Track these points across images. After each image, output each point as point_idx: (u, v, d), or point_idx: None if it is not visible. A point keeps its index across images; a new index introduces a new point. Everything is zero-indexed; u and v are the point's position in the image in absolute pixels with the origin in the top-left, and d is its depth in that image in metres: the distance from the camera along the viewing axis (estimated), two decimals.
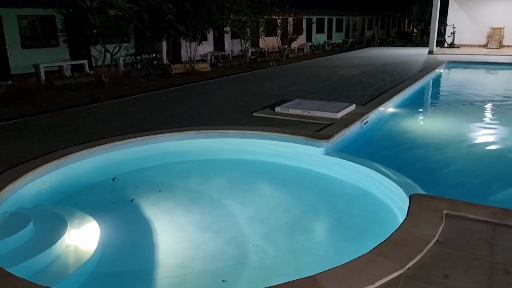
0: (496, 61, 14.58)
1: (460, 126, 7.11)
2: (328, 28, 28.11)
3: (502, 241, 2.84)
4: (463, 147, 5.98)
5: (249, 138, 5.47)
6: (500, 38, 19.30)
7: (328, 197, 4.57)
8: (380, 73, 11.35)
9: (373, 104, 7.10)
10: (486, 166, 5.24)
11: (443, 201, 3.45)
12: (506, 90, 10.57)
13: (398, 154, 5.68)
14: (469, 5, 20.38)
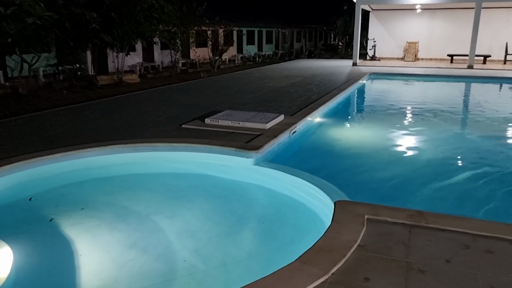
0: (412, 73, 15.76)
1: (382, 133, 7.54)
2: (258, 40, 28.72)
3: (417, 241, 3.03)
4: (385, 153, 6.33)
5: (178, 150, 5.38)
6: (415, 52, 20.90)
7: (258, 207, 4.61)
8: (308, 84, 11.76)
9: (301, 114, 7.32)
10: (406, 170, 5.58)
11: (364, 206, 3.62)
12: (422, 99, 11.46)
13: (325, 162, 5.89)
14: (387, 20, 21.90)
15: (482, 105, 10.63)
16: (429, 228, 3.23)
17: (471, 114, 9.63)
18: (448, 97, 12.06)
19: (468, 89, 13.81)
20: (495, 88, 13.87)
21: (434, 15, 21.01)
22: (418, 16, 21.27)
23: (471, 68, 16.81)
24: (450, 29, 20.68)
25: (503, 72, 15.83)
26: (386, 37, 21.99)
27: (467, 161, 6.01)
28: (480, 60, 18.71)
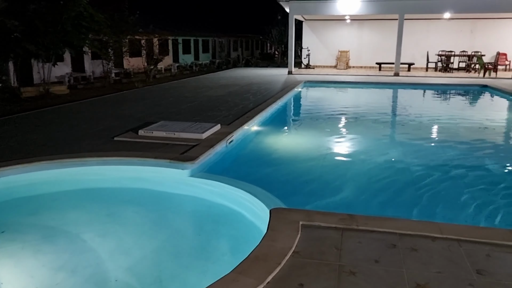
0: (344, 80, 16.45)
1: (318, 139, 7.77)
2: (194, 49, 28.56)
3: (349, 244, 3.13)
4: (320, 158, 6.50)
5: (110, 164, 5.16)
6: (346, 60, 21.87)
7: (195, 219, 4.54)
8: (245, 93, 11.86)
9: (238, 123, 7.34)
10: (341, 175, 5.77)
11: (299, 212, 3.68)
12: (354, 105, 11.98)
13: (262, 170, 5.94)
14: (319, 30, 22.75)
15: (407, 110, 11.32)
16: (360, 230, 3.35)
17: (398, 118, 10.21)
18: (378, 103, 12.71)
19: (395, 95, 14.66)
20: (419, 93, 14.86)
21: (362, 26, 22.14)
22: (348, 26, 22.31)
23: (397, 75, 17.89)
24: (377, 38, 21.89)
25: (425, 79, 17.00)
26: (319, 46, 22.82)
27: (397, 162, 6.34)
28: (405, 68, 19.99)
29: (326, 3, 18.34)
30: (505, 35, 19.86)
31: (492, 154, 6.82)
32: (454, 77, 17.49)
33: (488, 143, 7.42)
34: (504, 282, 2.60)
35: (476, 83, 15.31)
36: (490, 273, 2.70)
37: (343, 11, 18.44)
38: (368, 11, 18.35)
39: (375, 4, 18.05)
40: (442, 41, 20.92)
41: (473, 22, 20.79)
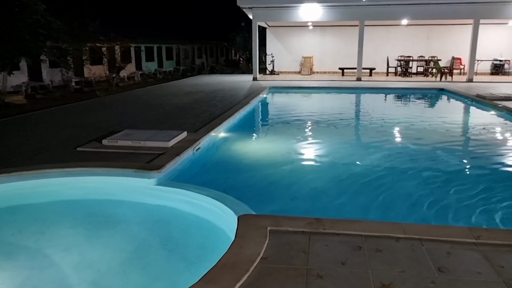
0: (309, 86, 16.72)
1: (285, 144, 7.85)
2: (158, 56, 28.25)
3: (316, 248, 3.17)
4: (287, 163, 6.56)
5: (73, 176, 5.02)
6: (310, 66, 22.23)
7: (163, 229, 4.47)
8: (210, 100, 11.83)
9: (205, 130, 7.31)
10: (309, 179, 5.85)
11: (267, 218, 3.70)
12: (319, 110, 12.19)
13: (230, 177, 5.94)
14: (282, 36, 23.04)
15: (370, 114, 11.63)
16: (326, 233, 3.41)
17: (362, 122, 10.47)
18: (342, 108, 12.98)
19: (359, 99, 15.03)
20: (381, 97, 15.30)
21: (325, 32, 22.60)
22: (311, 33, 22.72)
23: (360, 80, 18.36)
24: (340, 44, 22.40)
25: (386, 83, 17.52)
26: (284, 52, 23.10)
27: (362, 165, 6.49)
28: (367, 73, 20.55)
29: (288, 10, 18.62)
30: (459, 41, 20.78)
31: (450, 153, 7.10)
32: (413, 81, 18.14)
33: (446, 143, 7.71)
34: (464, 278, 2.72)
35: (433, 86, 15.95)
36: (451, 270, 2.81)
37: (306, 17, 18.77)
38: (329, 18, 18.76)
39: (336, 11, 18.49)
40: (401, 46, 21.68)
41: (429, 28, 21.66)
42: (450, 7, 17.64)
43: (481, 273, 2.77)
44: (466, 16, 17.76)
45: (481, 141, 8.04)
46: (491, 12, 17.42)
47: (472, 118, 11.28)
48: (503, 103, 10.87)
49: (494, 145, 7.78)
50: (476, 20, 17.52)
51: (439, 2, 17.62)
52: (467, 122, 11.00)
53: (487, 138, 8.25)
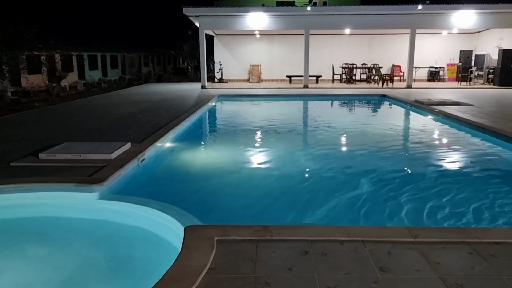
0: (257, 93, 16.88)
1: (234, 153, 7.83)
2: (102, 65, 27.38)
3: (263, 255, 3.18)
4: (235, 171, 6.55)
5: (7, 193, 4.70)
6: (258, 74, 22.47)
7: (106, 244, 4.29)
8: (157, 109, 11.61)
9: (150, 141, 7.14)
10: (257, 186, 5.86)
11: (214, 228, 3.66)
12: (268, 118, 12.31)
13: (178, 187, 5.83)
14: (230, 45, 23.14)
15: (317, 120, 11.93)
16: (274, 240, 3.43)
17: (310, 128, 10.69)
18: (290, 115, 13.20)
19: (306, 106, 15.36)
20: (328, 104, 15.74)
21: (272, 40, 22.97)
22: (258, 41, 23.00)
23: (307, 87, 18.80)
24: (287, 52, 22.85)
25: (332, 90, 18.06)
26: (232, 61, 23.20)
27: (311, 171, 6.62)
28: (314, 80, 21.10)
29: (235, 18, 18.75)
30: (398, 49, 21.90)
31: (393, 155, 7.42)
32: (357, 88, 18.85)
33: (387, 147, 8.06)
34: (403, 276, 2.82)
35: (376, 93, 16.64)
36: (392, 269, 2.92)
37: (252, 26, 18.99)
38: (276, 27, 19.11)
39: (282, 20, 18.87)
40: (345, 54, 22.49)
41: (370, 37, 22.65)
42: (388, 18, 18.58)
43: (419, 270, 2.89)
44: (403, 26, 18.77)
45: (419, 144, 8.47)
46: (425, 23, 18.53)
47: (411, 122, 11.87)
48: (439, 107, 11.55)
49: (431, 147, 8.23)
50: (413, 30, 18.55)
51: (378, 13, 18.50)
52: (407, 126, 11.56)
53: (425, 141, 8.70)
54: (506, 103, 12.86)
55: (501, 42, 19.56)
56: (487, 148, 7.93)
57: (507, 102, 13.26)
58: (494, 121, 9.30)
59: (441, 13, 18.32)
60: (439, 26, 18.96)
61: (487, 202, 4.94)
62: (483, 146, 8.09)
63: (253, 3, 27.79)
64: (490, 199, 5.03)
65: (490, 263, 2.97)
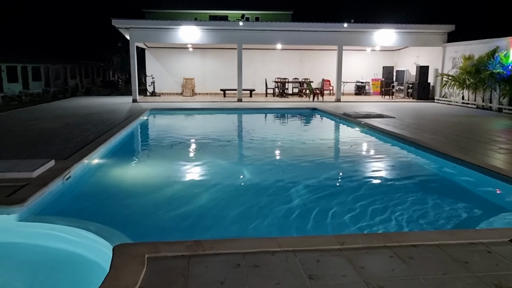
0: (191, 107, 16.78)
1: (165, 167, 7.69)
2: (23, 77, 25.71)
3: (195, 270, 3.15)
4: (167, 186, 6.42)
5: None
6: (192, 87, 22.36)
7: (27, 269, 4.00)
8: (85, 124, 11.10)
9: (76, 157, 6.80)
10: (190, 201, 5.79)
11: (145, 245, 3.56)
12: (201, 131, 12.27)
13: (107, 206, 5.60)
14: (162, 57, 22.84)
15: (251, 133, 12.10)
16: (206, 255, 3.41)
17: (244, 141, 10.81)
18: (224, 128, 13.27)
19: (240, 119, 15.52)
20: (261, 117, 16.03)
21: (205, 54, 23.02)
22: (192, 54, 22.94)
23: (241, 101, 19.02)
24: (220, 66, 23.00)
25: (265, 104, 18.43)
26: (164, 74, 22.88)
27: (244, 184, 6.68)
28: (247, 94, 21.40)
29: (167, 31, 18.59)
30: (328, 64, 22.93)
31: (322, 165, 7.71)
32: (290, 101, 19.42)
33: (318, 156, 8.38)
34: (331, 283, 2.94)
35: (307, 106, 17.25)
36: (320, 276, 3.03)
37: (185, 39, 18.93)
38: (208, 41, 19.21)
39: (215, 34, 19.02)
40: (277, 69, 23.11)
41: (301, 52, 23.52)
42: (317, 34, 19.45)
43: (345, 276, 3.03)
44: (331, 42, 19.76)
45: (346, 154, 8.90)
46: (351, 40, 19.65)
47: (340, 134, 12.45)
48: (364, 120, 12.23)
49: (357, 157, 8.68)
50: (340, 47, 19.57)
51: (307, 30, 19.31)
52: (335, 137, 12.11)
53: (351, 151, 9.17)
54: (423, 115, 13.95)
55: (418, 59, 21.25)
56: (406, 156, 8.53)
57: (424, 114, 14.38)
58: (412, 132, 10.03)
59: (365, 31, 19.53)
60: (364, 44, 20.18)
61: (406, 207, 5.30)
62: (402, 155, 8.68)
63: (186, 16, 27.82)
64: (409, 204, 5.40)
65: (409, 264, 3.19)
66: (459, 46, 18.28)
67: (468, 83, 16.81)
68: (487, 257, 3.30)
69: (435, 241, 3.56)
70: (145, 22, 18.83)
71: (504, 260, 3.25)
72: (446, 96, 19.04)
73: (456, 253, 3.35)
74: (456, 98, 18.22)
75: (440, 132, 10.01)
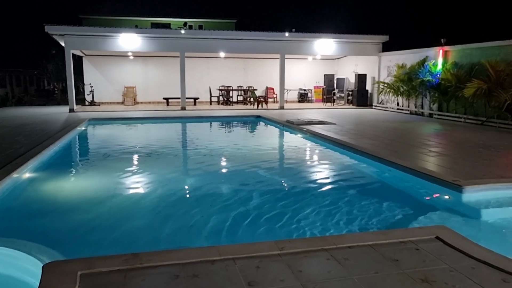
0: (132, 116, 16.33)
1: (104, 180, 7.39)
2: None
3: (132, 285, 3.04)
4: (106, 199, 6.18)
5: None
6: (134, 96, 21.80)
7: None
8: (15, 136, 10.44)
9: (4, 172, 6.37)
10: (130, 214, 5.60)
11: (77, 262, 3.39)
12: (144, 141, 11.96)
13: (38, 222, 5.28)
14: (101, 65, 22.09)
15: (195, 142, 11.99)
16: (144, 268, 3.31)
17: (188, 150, 10.67)
18: (167, 137, 13.03)
19: (184, 128, 15.35)
20: (206, 125, 15.95)
21: (147, 62, 22.56)
22: (132, 62, 22.40)
23: (184, 110, 18.82)
24: (163, 74, 22.64)
25: (210, 112, 18.39)
26: (104, 82, 22.14)
27: (186, 193, 6.57)
28: (191, 102, 21.22)
29: (106, 39, 18.03)
30: (271, 72, 23.29)
31: (265, 172, 7.79)
32: (234, 109, 19.50)
33: (261, 163, 8.45)
34: None
35: (251, 114, 17.41)
36: (259, 283, 3.04)
37: (125, 47, 18.47)
38: (150, 49, 18.87)
39: (157, 42, 18.73)
40: (221, 77, 23.15)
41: (245, 61, 23.75)
42: (260, 43, 19.75)
43: (283, 280, 3.07)
44: (274, 51, 20.14)
45: (288, 160, 9.07)
46: (292, 49, 20.14)
47: (283, 141, 12.67)
48: (306, 126, 12.55)
49: (298, 163, 8.87)
50: (282, 55, 19.99)
51: (250, 38, 19.55)
52: (278, 144, 12.30)
53: (294, 157, 9.36)
54: (362, 121, 14.56)
55: (357, 68, 22.21)
56: (345, 161, 8.84)
57: (362, 120, 15.02)
58: (351, 137, 10.43)
59: (306, 41, 20.11)
60: (305, 52, 20.76)
61: (344, 209, 5.49)
62: (342, 160, 8.99)
63: (127, 23, 27.17)
64: (347, 207, 5.59)
65: (344, 265, 3.29)
66: (393, 55, 19.34)
67: (402, 90, 17.79)
68: (415, 254, 3.49)
69: (369, 242, 3.71)
70: (81, 29, 18.15)
71: (430, 256, 3.45)
72: (383, 102, 20.02)
73: (387, 252, 3.51)
74: (392, 104, 19.22)
75: (377, 137, 10.49)
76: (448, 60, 15.63)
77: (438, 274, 3.14)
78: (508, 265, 3.25)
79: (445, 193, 5.85)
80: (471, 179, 6.08)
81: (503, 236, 4.72)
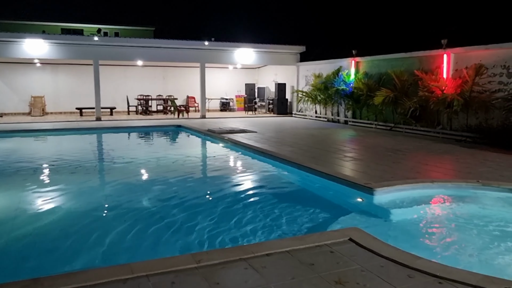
0: (41, 128, 15.13)
1: (7, 199, 6.69)
2: None
3: None
4: (9, 221, 5.58)
5: None
6: (42, 106, 20.25)
7: None
8: None
9: None
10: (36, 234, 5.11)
11: None
12: (54, 154, 11.07)
13: None
14: (4, 73, 20.26)
15: (111, 153, 11.38)
16: None
17: (103, 163, 10.06)
18: (80, 150, 12.18)
19: (99, 139, 14.51)
20: (123, 136, 15.24)
21: (57, 70, 21.14)
22: (40, 70, 20.86)
23: (100, 120, 17.86)
24: (75, 83, 21.34)
25: (127, 122, 17.65)
26: (7, 91, 20.32)
27: (99, 209, 6.15)
28: (108, 112, 20.23)
29: (7, 44, 16.59)
30: (192, 81, 23.03)
31: (185, 182, 7.59)
32: (154, 119, 18.94)
33: (181, 174, 8.23)
34: None
35: (172, 123, 17.02)
36: None
37: (31, 54, 17.14)
38: (60, 56, 17.72)
39: (67, 49, 17.64)
40: (140, 85, 22.40)
41: (164, 69, 23.23)
42: (179, 52, 19.46)
43: None
44: (193, 60, 19.98)
45: (209, 169, 8.94)
46: (212, 58, 20.14)
47: (204, 150, 12.52)
48: (228, 135, 12.54)
49: (219, 172, 8.79)
50: (202, 64, 19.87)
51: (169, 47, 19.20)
52: (199, 154, 12.13)
53: (214, 166, 9.26)
54: (282, 129, 14.91)
55: (276, 77, 22.80)
56: (266, 169, 8.94)
57: (283, 128, 15.39)
58: (272, 145, 10.61)
59: (226, 50, 20.22)
60: (225, 61, 20.85)
61: (263, 216, 5.50)
62: (263, 167, 9.08)
63: (33, 29, 25.32)
64: (266, 213, 5.62)
65: (261, 274, 3.25)
66: (310, 65, 20.16)
67: (319, 99, 18.58)
68: (329, 257, 3.57)
69: (286, 248, 3.72)
70: None
71: (343, 257, 3.55)
72: (302, 110, 20.75)
73: (304, 257, 3.55)
74: (310, 112, 19.98)
75: (296, 144, 10.78)
76: (359, 70, 16.65)
77: (350, 275, 3.23)
78: (412, 261, 3.45)
79: (359, 196, 6.13)
80: (382, 181, 6.44)
81: (408, 233, 5.04)
